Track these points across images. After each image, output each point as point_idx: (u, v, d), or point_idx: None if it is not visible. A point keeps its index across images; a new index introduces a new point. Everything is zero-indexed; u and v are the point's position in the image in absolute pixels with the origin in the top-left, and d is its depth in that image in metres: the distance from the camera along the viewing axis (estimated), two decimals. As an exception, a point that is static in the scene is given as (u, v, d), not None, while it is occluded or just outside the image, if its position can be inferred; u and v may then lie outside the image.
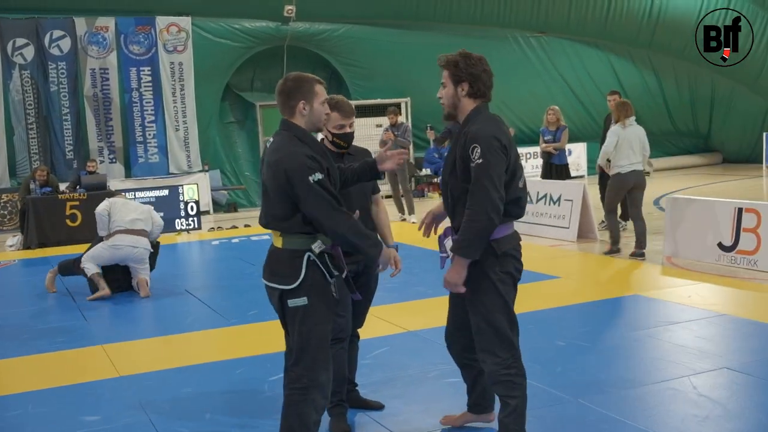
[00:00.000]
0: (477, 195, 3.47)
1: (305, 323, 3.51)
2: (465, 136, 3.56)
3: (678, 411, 4.37)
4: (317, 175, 3.40)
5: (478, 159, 3.46)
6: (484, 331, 3.65)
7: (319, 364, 3.54)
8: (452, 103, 3.69)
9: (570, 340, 5.84)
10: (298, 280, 3.47)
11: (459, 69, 3.64)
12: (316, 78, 3.65)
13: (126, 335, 6.74)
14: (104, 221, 8.09)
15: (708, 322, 6.20)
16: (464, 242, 3.52)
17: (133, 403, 4.93)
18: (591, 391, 4.72)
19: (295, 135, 3.54)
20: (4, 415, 4.85)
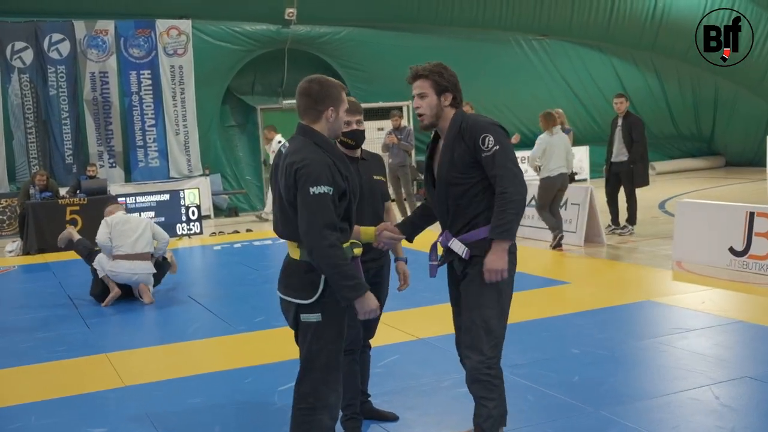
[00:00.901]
0: (506, 177, 3.48)
1: (316, 341, 3.35)
2: (468, 130, 3.56)
3: (703, 423, 4.25)
4: (322, 188, 3.19)
5: (495, 146, 3.50)
6: (477, 326, 3.59)
7: (328, 384, 3.38)
8: (435, 114, 3.65)
9: (585, 348, 5.72)
10: (315, 295, 3.31)
11: (443, 79, 3.61)
12: (341, 84, 3.51)
13: (130, 343, 6.61)
14: (108, 248, 7.93)
15: (724, 329, 6.08)
16: (507, 224, 3.47)
17: (140, 415, 4.80)
18: (612, 402, 4.60)
19: (314, 141, 3.36)
20: (6, 428, 4.71)
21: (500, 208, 3.48)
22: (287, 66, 17.20)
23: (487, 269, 3.51)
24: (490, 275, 3.52)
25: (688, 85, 20.96)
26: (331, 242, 3.18)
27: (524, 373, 5.18)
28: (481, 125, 3.58)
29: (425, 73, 3.61)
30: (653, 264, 8.86)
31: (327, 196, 3.21)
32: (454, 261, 3.71)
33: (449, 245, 3.68)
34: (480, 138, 3.51)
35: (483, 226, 3.58)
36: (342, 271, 3.22)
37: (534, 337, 6.10)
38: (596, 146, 19.41)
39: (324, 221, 3.18)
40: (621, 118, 10.93)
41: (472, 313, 3.61)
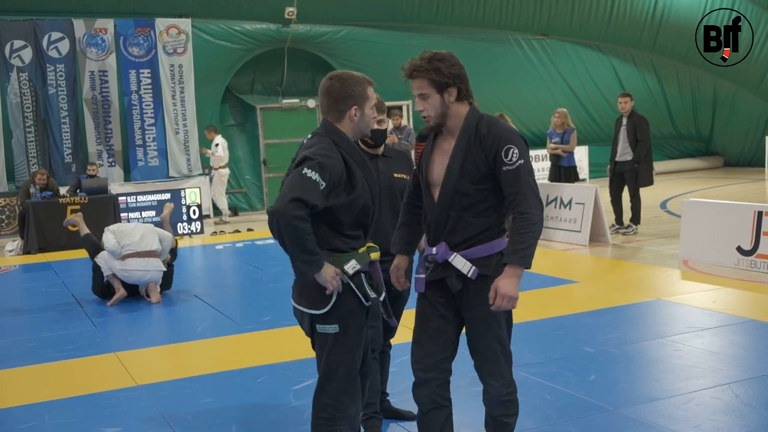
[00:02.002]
0: (528, 197, 3.13)
1: (334, 352, 3.26)
2: (490, 138, 3.19)
3: (725, 421, 4.22)
4: (315, 175, 3.04)
5: (519, 160, 3.14)
6: (495, 351, 3.30)
7: (347, 395, 3.29)
8: (441, 114, 3.25)
9: (599, 347, 5.69)
10: (328, 305, 3.19)
11: (442, 74, 3.20)
12: (367, 78, 3.31)
13: (139, 343, 6.55)
14: (118, 252, 7.86)
15: (737, 328, 6.06)
16: (527, 248, 3.11)
17: (154, 415, 4.75)
18: (631, 401, 4.56)
19: (333, 140, 3.22)
20: (20, 427, 4.66)
21: (522, 230, 3.12)
22: (287, 65, 17.16)
23: (499, 294, 3.12)
24: (501, 302, 3.12)
25: (687, 86, 20.98)
26: (299, 215, 3.00)
27: (540, 372, 5.14)
28: (506, 134, 3.20)
29: (421, 72, 3.22)
30: (659, 263, 8.84)
31: (315, 183, 3.05)
32: (451, 277, 3.28)
33: (449, 260, 3.26)
34: (504, 149, 3.15)
35: (488, 241, 3.25)
36: (303, 244, 3.05)
37: (547, 336, 6.07)
38: (596, 146, 19.45)
39: (301, 194, 3.01)
40: (625, 117, 10.91)
41: (487, 337, 3.30)
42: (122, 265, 7.79)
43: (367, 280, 3.30)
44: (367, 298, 3.27)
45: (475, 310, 3.27)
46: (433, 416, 3.38)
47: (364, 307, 3.29)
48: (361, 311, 3.28)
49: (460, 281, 3.25)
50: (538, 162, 18.97)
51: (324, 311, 3.21)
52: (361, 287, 3.25)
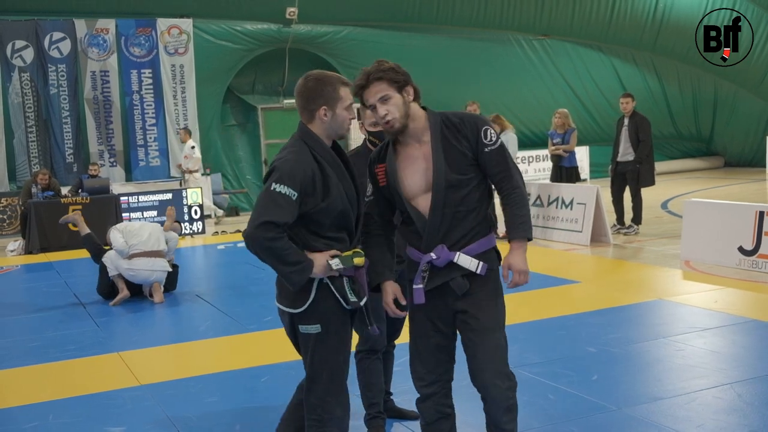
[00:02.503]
0: (514, 173, 3.22)
1: (318, 352, 3.24)
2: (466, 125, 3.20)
3: (728, 421, 4.23)
4: (284, 188, 3.05)
5: (497, 139, 3.20)
6: (501, 350, 3.22)
7: (332, 396, 3.28)
8: (404, 113, 3.17)
9: (601, 347, 5.70)
10: (305, 303, 3.18)
11: (397, 73, 3.16)
12: (341, 79, 3.27)
13: (142, 342, 6.56)
14: (125, 252, 7.86)
15: (739, 328, 6.07)
16: (528, 221, 3.23)
17: (158, 414, 4.76)
18: (634, 400, 4.57)
19: (306, 142, 3.21)
20: (24, 426, 4.67)
21: (516, 204, 3.19)
22: (288, 65, 17.19)
23: (515, 271, 3.16)
24: (518, 278, 3.17)
25: (688, 86, 21.01)
26: (270, 237, 3.03)
27: (542, 372, 5.15)
28: (479, 117, 3.27)
29: (379, 74, 3.15)
30: (660, 263, 8.85)
31: (285, 198, 3.05)
32: (456, 279, 3.20)
33: (455, 260, 3.18)
34: (482, 130, 3.17)
35: (482, 237, 3.23)
36: (284, 260, 3.07)
37: (549, 336, 6.08)
38: (596, 146, 19.47)
39: (270, 216, 3.03)
40: (627, 117, 10.92)
41: (495, 334, 3.22)
42: (129, 264, 7.80)
43: (349, 284, 3.26)
44: (346, 301, 3.23)
45: (479, 308, 3.21)
46: (439, 426, 3.36)
47: (347, 309, 3.26)
48: (342, 312, 3.25)
49: (467, 281, 3.19)
50: (539, 162, 19.02)
51: (303, 309, 3.20)
52: (340, 289, 3.22)
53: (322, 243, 3.21)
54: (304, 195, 3.10)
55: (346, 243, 3.27)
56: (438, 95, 18.07)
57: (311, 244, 3.20)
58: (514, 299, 7.37)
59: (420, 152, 3.22)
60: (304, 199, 3.11)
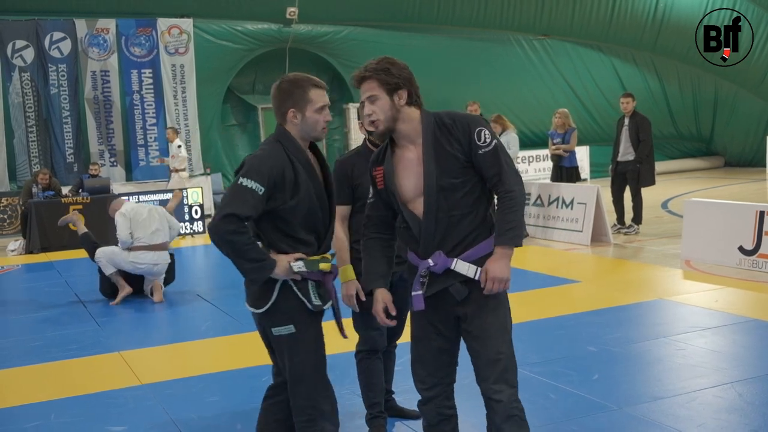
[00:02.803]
0: (510, 175, 3.08)
1: (297, 353, 3.23)
2: (458, 126, 3.09)
3: (729, 420, 4.23)
4: (251, 183, 3.07)
5: (493, 140, 3.07)
6: (505, 356, 3.12)
7: (319, 393, 3.28)
8: (390, 117, 3.10)
9: (601, 346, 5.71)
10: (267, 303, 3.18)
11: (392, 75, 3.09)
12: (312, 81, 3.26)
13: (143, 342, 6.57)
14: (128, 243, 7.84)
15: (739, 328, 6.08)
16: (516, 228, 3.05)
17: (159, 413, 4.77)
18: (635, 400, 4.58)
19: (280, 141, 3.24)
20: (26, 425, 4.67)
21: (508, 209, 3.04)
22: (288, 65, 17.19)
23: (491, 277, 3.01)
24: (494, 284, 3.02)
25: (688, 86, 21.02)
26: (232, 229, 3.04)
27: (543, 371, 5.15)
28: (472, 118, 3.16)
29: (369, 74, 3.10)
30: (661, 263, 8.85)
31: (251, 192, 3.07)
32: (455, 285, 3.12)
33: (452, 267, 3.10)
34: (475, 132, 3.07)
35: (484, 239, 3.12)
36: (244, 255, 3.08)
37: (549, 336, 6.09)
38: (596, 146, 19.47)
39: (233, 209, 3.05)
40: (627, 117, 10.92)
41: (496, 341, 3.12)
42: (132, 257, 7.79)
43: (314, 288, 3.25)
44: (310, 302, 3.22)
45: (479, 314, 3.12)
46: (441, 428, 3.33)
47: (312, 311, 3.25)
48: (309, 311, 3.24)
49: (466, 287, 3.11)
50: (539, 162, 19.02)
51: (265, 309, 3.20)
52: (304, 291, 3.22)
53: (288, 243, 3.21)
54: (272, 191, 3.11)
55: (314, 247, 3.26)
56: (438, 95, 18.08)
57: (277, 243, 3.21)
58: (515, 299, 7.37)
59: (415, 155, 3.15)
60: (273, 195, 3.12)
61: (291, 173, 3.16)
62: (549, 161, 13.01)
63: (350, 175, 3.94)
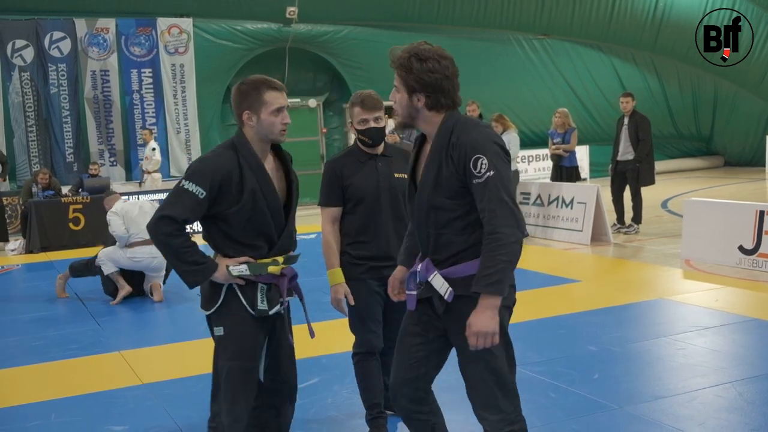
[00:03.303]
0: (500, 213, 2.75)
1: (220, 356, 3.23)
2: (453, 148, 2.85)
3: (729, 420, 4.24)
4: (191, 185, 3.07)
5: (488, 171, 2.76)
6: (486, 381, 2.93)
7: (227, 403, 3.21)
8: (408, 114, 2.95)
9: (602, 346, 5.71)
10: (214, 306, 3.20)
11: (411, 74, 2.88)
12: (268, 83, 3.21)
13: (143, 341, 6.57)
14: (125, 239, 7.85)
15: (739, 327, 6.09)
16: (497, 273, 2.73)
17: (160, 412, 4.77)
18: (635, 399, 4.58)
19: (234, 144, 3.21)
20: (25, 425, 4.67)
21: (490, 252, 2.74)
22: (288, 65, 17.19)
23: (473, 332, 2.78)
24: (476, 341, 2.78)
25: (687, 85, 21.03)
26: (168, 231, 3.07)
27: (544, 371, 5.16)
28: (476, 143, 2.81)
29: (395, 65, 2.95)
30: (661, 262, 8.86)
31: (191, 195, 3.07)
32: (434, 298, 2.98)
33: (429, 280, 2.96)
34: (472, 159, 2.79)
35: (471, 259, 2.88)
36: (181, 258, 3.09)
37: (550, 335, 6.09)
38: (596, 146, 19.47)
39: (170, 211, 3.06)
40: (627, 117, 10.93)
41: (476, 366, 2.93)
42: (130, 253, 7.79)
43: (264, 292, 3.22)
44: (254, 308, 3.19)
45: (459, 336, 2.91)
46: (413, 427, 3.22)
47: (255, 317, 3.21)
48: (251, 319, 3.20)
49: (443, 303, 2.95)
50: (539, 161, 19.02)
51: (209, 312, 3.22)
52: (250, 296, 3.19)
53: (232, 248, 3.20)
54: (217, 194, 3.10)
55: (263, 251, 3.23)
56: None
57: (222, 247, 3.22)
58: (515, 298, 7.40)
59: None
60: (217, 199, 3.11)
61: (237, 178, 3.14)
62: (549, 161, 13.02)
63: (340, 176, 3.93)
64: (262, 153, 3.26)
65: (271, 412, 3.44)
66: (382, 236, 3.90)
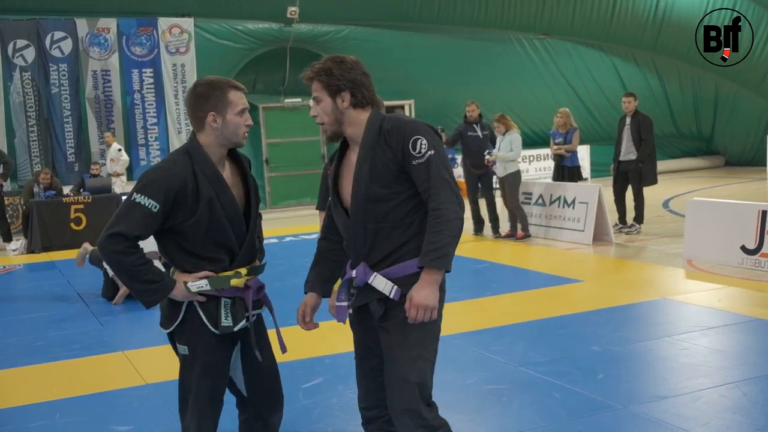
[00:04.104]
0: (443, 190, 2.81)
1: (184, 375, 3.13)
2: (394, 133, 2.89)
3: (734, 420, 4.23)
4: (143, 198, 2.87)
5: (429, 150, 2.83)
6: (411, 385, 2.87)
7: (200, 426, 3.11)
8: (334, 119, 2.96)
9: (605, 346, 5.71)
10: (173, 324, 3.05)
11: (334, 77, 2.92)
12: (231, 83, 3.06)
13: (146, 341, 6.56)
14: None
15: (743, 327, 6.09)
16: (442, 248, 2.77)
17: (164, 412, 4.77)
18: (639, 399, 4.58)
19: (189, 153, 3.01)
20: (29, 426, 4.67)
21: (434, 228, 2.79)
22: (289, 64, 17.19)
23: (413, 304, 2.79)
24: (417, 313, 2.80)
25: (688, 85, 21.04)
26: (119, 249, 2.88)
27: (547, 371, 5.16)
28: (412, 126, 2.91)
29: (313, 75, 2.97)
30: (663, 262, 8.86)
31: (143, 209, 2.88)
32: (372, 302, 2.95)
33: (369, 282, 2.93)
34: (410, 141, 2.84)
35: (413, 257, 2.89)
36: (135, 277, 2.93)
37: (553, 335, 6.09)
38: (597, 145, 19.48)
39: (120, 228, 2.87)
40: (629, 116, 10.93)
41: (403, 368, 2.88)
42: None
43: (227, 307, 3.07)
44: (216, 325, 3.05)
45: (390, 336, 2.93)
46: None
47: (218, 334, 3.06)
48: (214, 337, 3.06)
49: (382, 305, 2.93)
50: (540, 161, 19.03)
51: (170, 330, 3.10)
52: (212, 312, 3.05)
53: (191, 262, 3.04)
54: (172, 207, 2.93)
55: (224, 263, 3.07)
56: (438, 95, 18.16)
57: (180, 263, 3.05)
58: (518, 299, 7.42)
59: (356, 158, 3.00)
60: (172, 212, 2.94)
61: (193, 187, 2.96)
62: (550, 160, 13.03)
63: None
64: (219, 159, 3.07)
65: (258, 423, 3.36)
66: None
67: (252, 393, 3.32)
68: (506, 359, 5.45)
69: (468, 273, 8.61)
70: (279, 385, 3.41)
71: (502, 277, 8.52)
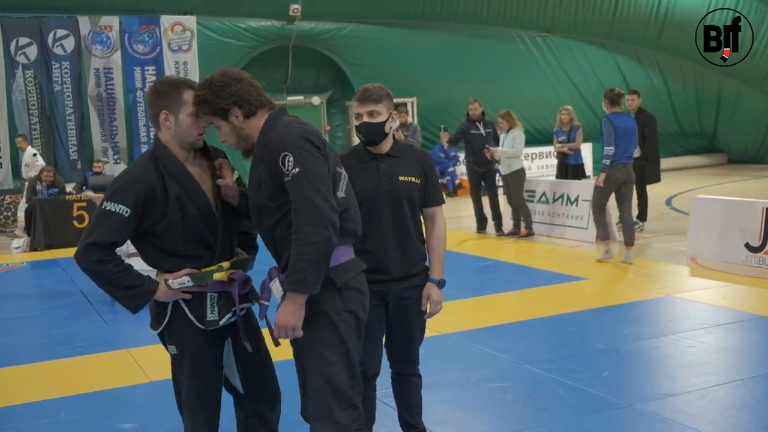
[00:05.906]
0: (303, 211, 2.74)
1: (176, 375, 3.16)
2: (264, 147, 2.86)
3: (740, 417, 4.23)
4: (114, 206, 2.86)
5: (294, 168, 2.75)
6: (317, 389, 2.89)
7: (194, 425, 3.15)
8: (238, 137, 2.94)
9: (610, 344, 5.70)
10: (161, 325, 3.06)
11: (212, 103, 2.89)
12: (187, 83, 3.03)
13: (150, 339, 6.41)
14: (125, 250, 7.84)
15: (748, 325, 6.08)
16: (298, 272, 2.74)
17: (170, 410, 4.73)
18: (645, 396, 4.57)
19: (154, 151, 3.02)
20: (34, 423, 4.67)
21: (294, 251, 2.75)
22: (292, 62, 17.21)
23: (275, 324, 2.84)
24: (278, 333, 2.85)
25: (691, 83, 21.00)
26: (96, 259, 2.88)
27: (553, 368, 5.15)
28: (282, 139, 2.81)
29: (198, 102, 2.93)
30: (667, 260, 8.85)
31: (115, 216, 2.87)
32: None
33: (270, 286, 2.97)
34: (279, 157, 2.78)
35: None
36: (115, 284, 2.93)
37: (558, 333, 6.09)
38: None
39: (93, 238, 2.87)
40: (633, 114, 10.90)
41: (310, 373, 2.93)
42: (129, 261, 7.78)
43: (214, 301, 3.05)
44: (202, 321, 3.03)
45: (297, 345, 2.99)
46: None
47: (205, 330, 3.05)
48: (202, 334, 3.06)
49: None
50: (542, 159, 18.99)
51: (159, 331, 3.10)
52: (197, 308, 3.03)
53: (172, 261, 3.03)
54: (144, 209, 2.92)
55: (205, 259, 3.06)
56: (441, 92, 18.14)
57: (160, 264, 3.05)
58: (522, 296, 7.41)
59: None
60: (146, 215, 2.94)
61: (161, 188, 2.95)
62: (553, 158, 13.00)
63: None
64: (185, 157, 3.04)
65: (256, 419, 3.36)
66: (380, 245, 3.50)
67: (248, 388, 3.33)
68: (510, 357, 5.44)
69: (472, 271, 8.60)
70: (275, 379, 3.41)
71: (506, 275, 8.51)
